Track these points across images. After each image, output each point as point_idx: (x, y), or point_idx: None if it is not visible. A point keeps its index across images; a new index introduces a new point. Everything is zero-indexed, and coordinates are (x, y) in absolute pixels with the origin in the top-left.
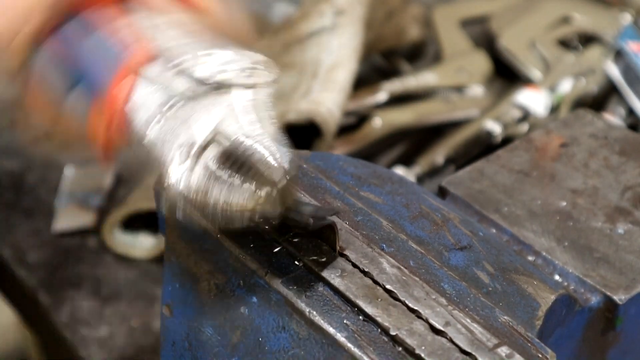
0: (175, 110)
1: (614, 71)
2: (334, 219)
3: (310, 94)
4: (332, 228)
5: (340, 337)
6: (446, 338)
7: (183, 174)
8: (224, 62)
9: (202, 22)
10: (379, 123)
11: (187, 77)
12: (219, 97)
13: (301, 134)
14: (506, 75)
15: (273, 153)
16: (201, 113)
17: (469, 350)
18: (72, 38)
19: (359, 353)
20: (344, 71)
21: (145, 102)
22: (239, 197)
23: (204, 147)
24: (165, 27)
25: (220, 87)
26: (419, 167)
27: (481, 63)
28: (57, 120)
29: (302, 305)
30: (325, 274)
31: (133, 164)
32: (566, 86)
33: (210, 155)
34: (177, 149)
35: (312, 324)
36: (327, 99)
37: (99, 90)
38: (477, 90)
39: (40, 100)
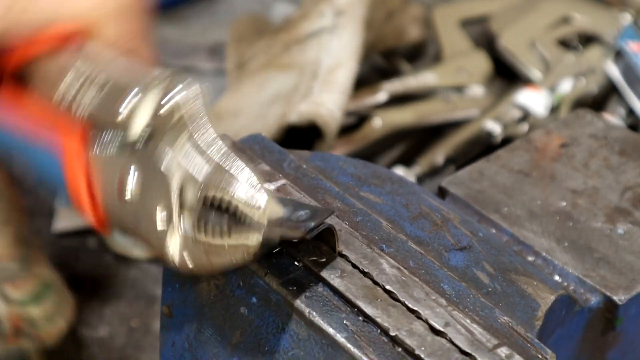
0: (136, 175)
1: (614, 71)
2: (332, 219)
3: (310, 95)
4: (331, 230)
5: (340, 338)
6: (446, 339)
7: (172, 247)
8: (142, 105)
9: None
10: (379, 123)
11: (125, 138)
12: (164, 148)
13: (302, 135)
14: (506, 75)
15: (246, 196)
16: (159, 182)
17: (468, 350)
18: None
19: (359, 354)
20: (344, 72)
21: (105, 174)
22: (231, 253)
23: (180, 214)
24: (73, 88)
25: (152, 139)
26: (419, 167)
27: (481, 63)
28: None
29: (301, 305)
30: (325, 274)
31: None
32: (566, 86)
33: (189, 222)
34: (157, 220)
35: (311, 324)
36: (327, 100)
37: (62, 183)
38: (477, 90)
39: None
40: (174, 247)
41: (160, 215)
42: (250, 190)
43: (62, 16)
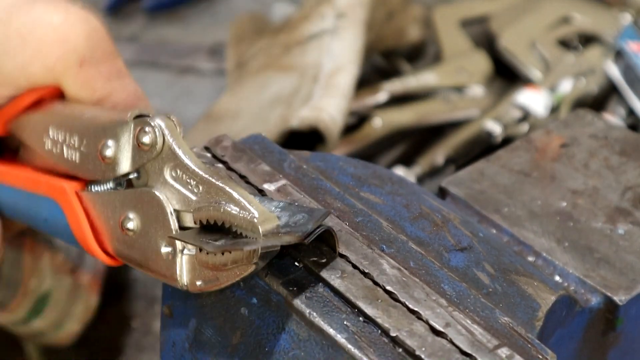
0: (134, 210)
1: (614, 71)
2: (332, 219)
3: (311, 99)
4: (329, 231)
5: (341, 339)
6: (446, 339)
7: (180, 272)
8: (123, 150)
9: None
10: (379, 123)
11: (115, 178)
12: (153, 179)
13: (303, 139)
14: (506, 75)
15: (239, 212)
16: (153, 206)
17: (469, 351)
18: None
19: (359, 354)
20: (345, 76)
21: (106, 213)
22: (235, 268)
23: (182, 239)
24: (62, 133)
25: (143, 169)
26: (419, 167)
27: (481, 63)
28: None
29: (302, 306)
30: (326, 275)
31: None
32: (566, 86)
33: (191, 246)
34: (161, 249)
35: (312, 325)
36: (329, 105)
37: (67, 227)
38: (477, 90)
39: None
40: (181, 272)
41: (163, 244)
42: (241, 205)
43: (31, 77)
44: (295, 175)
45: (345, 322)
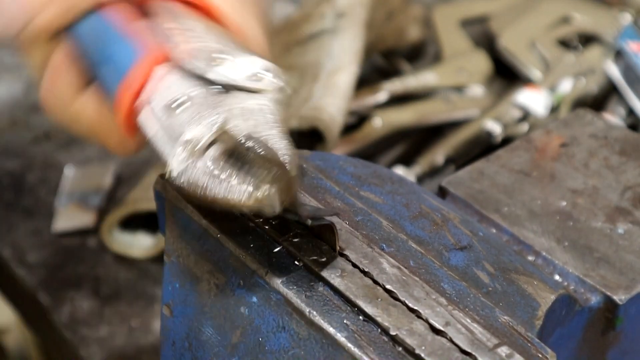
0: (185, 107)
1: (614, 71)
2: (334, 219)
3: (311, 99)
4: (331, 229)
5: (340, 337)
6: (446, 338)
7: (185, 168)
8: (236, 65)
9: (217, 28)
10: (379, 123)
11: (200, 78)
12: (228, 98)
13: (303, 139)
14: (506, 75)
15: (272, 152)
16: (209, 112)
17: (469, 350)
18: (94, 32)
19: (359, 353)
20: (345, 75)
21: (160, 95)
22: (237, 194)
23: (208, 145)
24: (184, 30)
25: (230, 89)
26: (419, 167)
27: (481, 63)
28: (74, 113)
29: (302, 305)
30: (325, 273)
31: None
32: (566, 86)
33: (213, 153)
34: (182, 144)
35: (312, 324)
36: (329, 104)
37: (121, 79)
38: (477, 90)
39: (57, 92)
40: (179, 161)
41: (189, 133)
42: (279, 148)
43: None
44: None
45: (345, 321)
